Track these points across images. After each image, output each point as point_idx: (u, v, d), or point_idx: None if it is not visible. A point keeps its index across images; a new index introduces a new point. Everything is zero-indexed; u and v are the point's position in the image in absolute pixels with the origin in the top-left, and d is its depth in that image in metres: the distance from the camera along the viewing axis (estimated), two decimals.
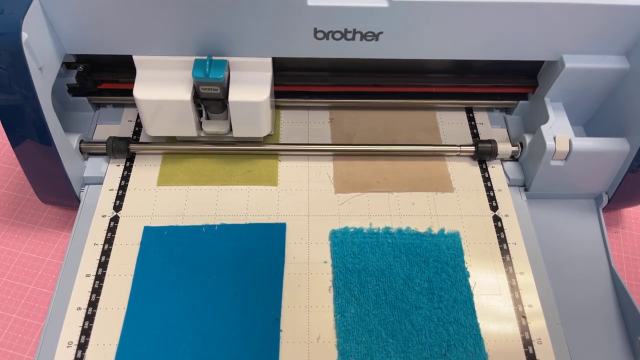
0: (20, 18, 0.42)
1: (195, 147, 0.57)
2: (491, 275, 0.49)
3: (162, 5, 0.46)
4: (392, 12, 0.47)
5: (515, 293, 0.48)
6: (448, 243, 0.51)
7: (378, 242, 0.51)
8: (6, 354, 0.47)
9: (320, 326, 0.46)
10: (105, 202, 0.53)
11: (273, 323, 0.46)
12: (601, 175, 0.55)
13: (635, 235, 0.58)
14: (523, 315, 0.47)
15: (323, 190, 0.55)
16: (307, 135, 0.60)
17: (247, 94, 0.51)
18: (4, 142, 0.63)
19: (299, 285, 0.48)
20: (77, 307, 0.46)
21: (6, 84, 0.44)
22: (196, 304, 0.46)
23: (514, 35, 0.50)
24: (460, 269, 0.49)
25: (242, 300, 0.47)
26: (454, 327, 0.46)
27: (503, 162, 0.58)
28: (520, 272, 0.49)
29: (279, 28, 0.48)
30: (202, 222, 0.52)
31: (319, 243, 0.51)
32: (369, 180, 0.56)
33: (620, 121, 0.54)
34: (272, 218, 0.52)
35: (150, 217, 0.52)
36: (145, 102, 0.50)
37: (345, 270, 0.49)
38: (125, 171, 0.55)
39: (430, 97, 0.61)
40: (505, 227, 0.53)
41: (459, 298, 0.47)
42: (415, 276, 0.48)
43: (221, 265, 0.49)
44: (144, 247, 0.50)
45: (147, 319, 0.45)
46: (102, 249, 0.50)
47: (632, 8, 0.47)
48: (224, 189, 0.54)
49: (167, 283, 0.47)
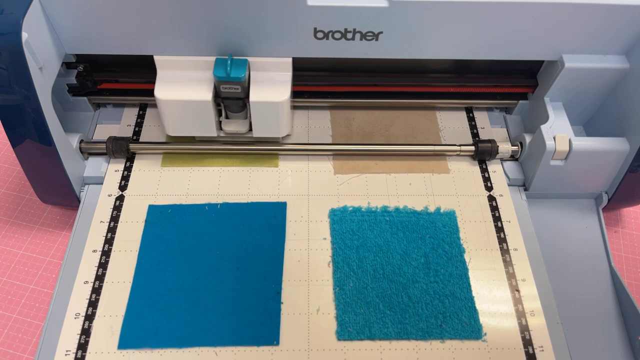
0: (20, 18, 0.42)
1: (196, 147, 0.57)
2: (486, 254, 0.51)
3: (163, 5, 0.46)
4: (392, 12, 0.47)
5: (509, 268, 0.50)
6: (444, 221, 0.52)
7: (376, 220, 0.52)
8: (6, 354, 0.47)
9: (319, 299, 0.47)
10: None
11: (274, 296, 0.47)
12: (601, 175, 0.55)
13: (635, 234, 0.59)
14: (517, 289, 0.49)
15: (323, 172, 0.56)
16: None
17: (268, 94, 0.51)
18: (4, 142, 0.63)
19: (299, 261, 0.50)
20: (84, 280, 0.48)
21: (6, 84, 0.44)
22: (199, 277, 0.48)
23: (514, 35, 0.50)
24: (455, 245, 0.51)
25: (244, 275, 0.48)
26: (450, 299, 0.47)
27: (503, 162, 0.58)
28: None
29: (279, 28, 0.48)
30: (205, 201, 0.53)
31: (319, 221, 0.52)
32: (368, 162, 0.57)
33: (620, 121, 0.54)
34: (273, 197, 0.54)
35: (155, 196, 0.54)
36: (167, 102, 0.51)
37: (344, 246, 0.50)
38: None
39: (430, 97, 0.61)
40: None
41: (454, 272, 0.49)
42: (412, 252, 0.50)
43: (223, 241, 0.50)
44: (149, 224, 0.51)
45: (151, 292, 0.47)
46: (108, 227, 0.51)
47: (632, 8, 0.47)
48: (226, 169, 0.56)
49: (171, 258, 0.49)
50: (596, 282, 0.52)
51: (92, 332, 0.45)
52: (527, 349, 0.45)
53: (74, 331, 0.45)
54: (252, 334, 0.45)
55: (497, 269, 0.50)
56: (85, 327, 0.45)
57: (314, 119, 0.61)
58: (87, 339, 0.44)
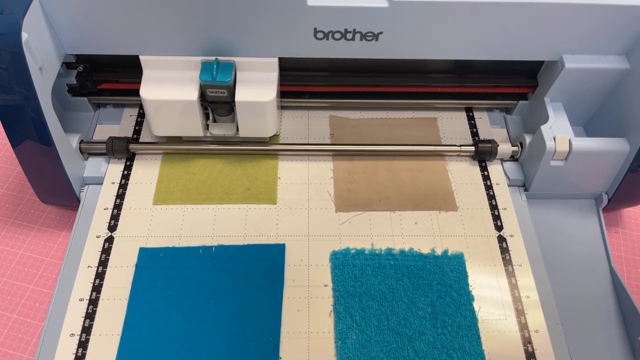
0: (20, 18, 0.42)
1: (196, 147, 0.57)
2: (495, 295, 0.48)
3: (162, 5, 0.46)
4: (392, 12, 0.47)
5: (521, 318, 0.47)
6: (452, 265, 0.50)
7: (380, 264, 0.49)
8: (6, 354, 0.47)
9: (320, 354, 0.45)
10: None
11: (272, 350, 0.44)
12: (601, 175, 0.55)
13: (635, 235, 0.58)
14: (529, 342, 0.46)
15: (323, 209, 0.54)
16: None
17: (254, 94, 0.51)
18: (4, 142, 0.63)
19: (298, 310, 0.47)
20: (70, 333, 0.45)
21: (6, 84, 0.44)
22: (193, 329, 0.45)
23: (514, 35, 0.50)
24: (464, 293, 0.48)
25: (240, 326, 0.45)
26: (459, 354, 0.44)
27: (503, 162, 0.58)
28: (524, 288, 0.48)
29: (279, 28, 0.48)
30: (200, 243, 0.50)
31: (319, 265, 0.50)
32: (371, 198, 0.54)
33: (620, 121, 0.54)
34: (271, 238, 0.51)
35: (146, 238, 0.51)
36: (152, 102, 0.51)
37: (346, 294, 0.47)
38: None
39: (430, 97, 0.61)
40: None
41: (463, 323, 0.46)
42: (418, 300, 0.47)
43: (219, 288, 0.48)
44: (140, 269, 0.48)
45: (142, 345, 0.44)
46: (95, 272, 0.48)
47: (632, 8, 0.47)
48: (221, 207, 0.53)
49: (164, 307, 0.46)
50: (596, 283, 0.52)
51: None
52: None
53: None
54: None
55: (508, 319, 0.47)
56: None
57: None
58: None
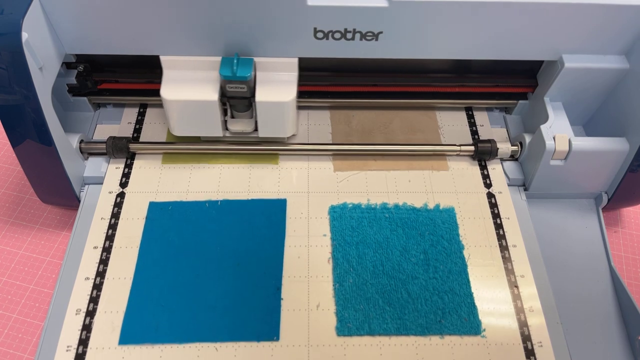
0: (20, 18, 0.42)
1: (196, 147, 0.57)
2: (485, 249, 0.51)
3: (165, 5, 0.46)
4: (392, 12, 0.47)
5: (508, 264, 0.50)
6: (443, 217, 0.53)
7: (375, 216, 0.53)
8: (6, 354, 0.47)
9: (319, 295, 0.48)
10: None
11: (274, 292, 0.47)
12: (601, 174, 0.55)
13: (635, 235, 0.59)
14: (515, 285, 0.49)
15: (322, 169, 0.57)
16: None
17: (274, 94, 0.51)
18: (4, 142, 0.64)
19: (299, 257, 0.50)
20: (85, 277, 0.48)
21: (6, 84, 0.44)
22: (199, 273, 0.48)
23: (514, 35, 0.50)
24: (455, 242, 0.51)
25: (244, 271, 0.49)
26: (449, 295, 0.48)
27: (503, 162, 0.58)
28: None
29: (279, 28, 0.48)
30: (206, 198, 0.54)
31: (319, 218, 0.53)
32: (367, 160, 0.57)
33: (620, 121, 0.54)
34: (273, 194, 0.54)
35: (155, 193, 0.54)
36: (173, 102, 0.51)
37: (344, 243, 0.51)
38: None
39: (430, 97, 0.61)
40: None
41: (453, 269, 0.49)
42: (411, 248, 0.50)
43: (224, 238, 0.51)
44: (150, 221, 0.52)
45: (152, 288, 0.47)
46: (108, 223, 0.52)
47: (632, 8, 0.47)
48: (226, 167, 0.56)
49: (172, 254, 0.50)
50: (596, 282, 0.52)
51: (93, 327, 0.45)
52: (525, 344, 0.46)
53: (75, 327, 0.45)
54: (252, 329, 0.45)
55: (496, 265, 0.50)
56: (86, 323, 0.45)
57: (314, 119, 0.61)
58: (88, 335, 0.45)
